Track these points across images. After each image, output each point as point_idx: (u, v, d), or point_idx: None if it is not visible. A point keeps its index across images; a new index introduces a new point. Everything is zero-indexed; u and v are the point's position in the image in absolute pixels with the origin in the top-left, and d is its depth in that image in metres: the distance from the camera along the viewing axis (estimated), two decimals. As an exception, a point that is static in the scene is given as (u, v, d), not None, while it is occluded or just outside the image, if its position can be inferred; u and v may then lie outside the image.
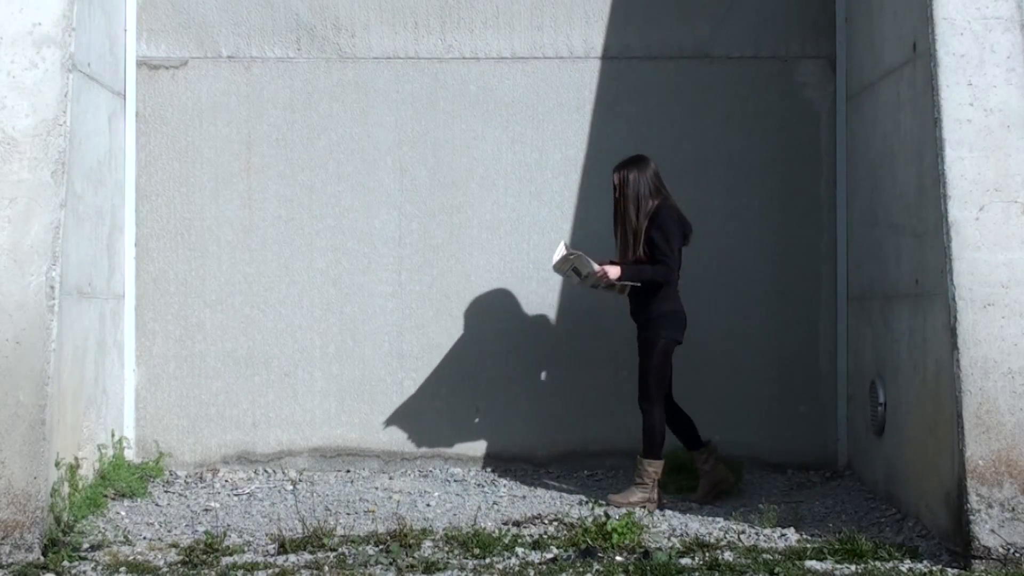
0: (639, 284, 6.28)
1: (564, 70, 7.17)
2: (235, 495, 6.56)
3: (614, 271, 6.27)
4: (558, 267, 6.38)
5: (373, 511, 6.15)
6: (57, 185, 5.61)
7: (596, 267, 6.27)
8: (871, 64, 6.62)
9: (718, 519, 5.99)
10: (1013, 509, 5.12)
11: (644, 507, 6.17)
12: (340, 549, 5.29)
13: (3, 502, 5.20)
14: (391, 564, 5.10)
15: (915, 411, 5.81)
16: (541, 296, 7.14)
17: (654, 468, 6.23)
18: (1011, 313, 5.29)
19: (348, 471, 7.03)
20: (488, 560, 5.19)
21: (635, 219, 6.29)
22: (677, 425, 6.42)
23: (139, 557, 5.27)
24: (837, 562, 5.18)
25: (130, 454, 6.89)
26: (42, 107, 5.70)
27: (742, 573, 5.00)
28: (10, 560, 5.10)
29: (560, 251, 6.34)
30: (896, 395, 6.12)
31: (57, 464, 5.59)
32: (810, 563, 5.15)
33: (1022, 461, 5.17)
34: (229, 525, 5.82)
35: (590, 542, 5.27)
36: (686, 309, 6.83)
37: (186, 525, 5.87)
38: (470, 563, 5.14)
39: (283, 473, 7.03)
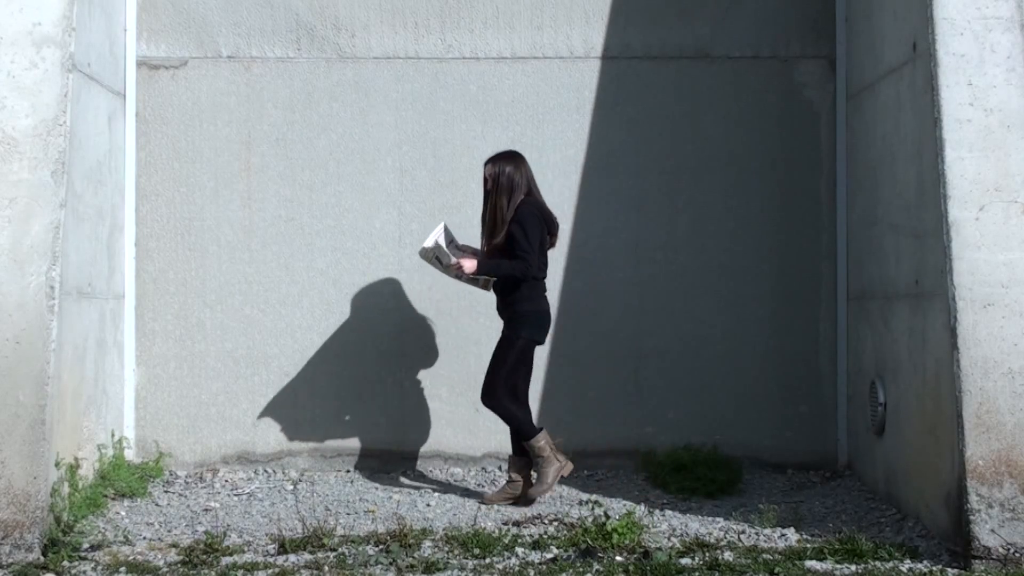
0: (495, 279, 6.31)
1: (564, 70, 7.17)
2: (235, 495, 6.56)
3: (470, 264, 6.26)
4: (424, 253, 6.37)
5: (373, 511, 6.16)
6: (57, 185, 5.61)
7: (454, 260, 6.28)
8: (871, 64, 6.62)
9: (718, 519, 5.99)
10: (1013, 509, 5.12)
11: (563, 474, 6.28)
12: (340, 549, 5.29)
13: (3, 502, 5.20)
14: (391, 564, 5.10)
15: (915, 411, 5.81)
16: (541, 296, 7.14)
17: (541, 441, 6.28)
18: (1011, 313, 5.29)
19: (348, 471, 7.03)
20: (488, 560, 5.19)
21: (505, 210, 6.27)
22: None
23: (139, 557, 5.27)
24: (837, 562, 5.18)
25: (130, 454, 6.90)
26: (42, 107, 5.70)
27: (742, 573, 5.00)
28: (10, 560, 5.10)
29: (438, 234, 6.31)
30: (896, 395, 6.12)
31: (57, 464, 5.59)
32: (810, 563, 5.15)
33: (1022, 461, 5.17)
34: (229, 525, 5.82)
35: (590, 542, 5.27)
36: (688, 308, 6.86)
37: (186, 525, 5.87)
38: (470, 563, 5.14)
39: (283, 473, 7.03)
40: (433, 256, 6.31)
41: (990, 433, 5.18)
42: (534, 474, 6.35)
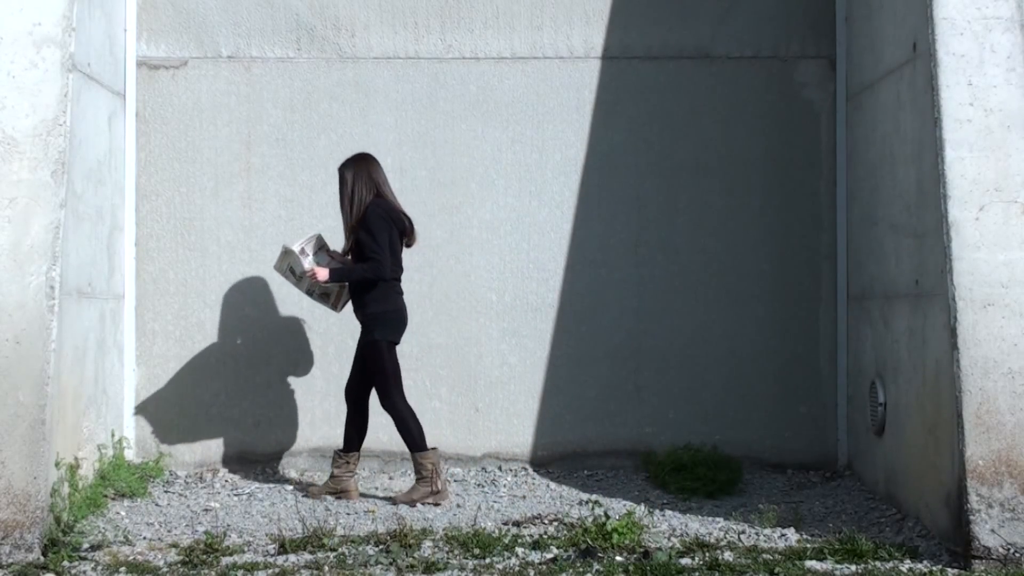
0: (346, 284, 6.36)
1: (564, 70, 7.17)
2: (235, 495, 6.56)
3: (323, 273, 6.30)
4: (278, 265, 6.43)
5: (373, 511, 6.15)
6: (57, 185, 5.61)
7: (307, 266, 6.31)
8: (871, 64, 6.62)
9: (718, 519, 5.99)
10: (1013, 509, 5.12)
11: (431, 501, 6.25)
12: (340, 549, 5.29)
13: (3, 502, 5.20)
14: (391, 564, 5.10)
15: (915, 411, 5.81)
16: (541, 296, 7.14)
17: (429, 460, 6.30)
18: (1011, 313, 5.29)
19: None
20: (488, 560, 5.19)
21: (350, 216, 6.35)
22: (358, 420, 6.46)
23: (139, 557, 5.27)
24: (837, 562, 5.18)
25: (130, 454, 6.89)
26: (42, 107, 5.70)
27: (742, 573, 5.00)
28: (10, 560, 5.10)
29: (306, 241, 6.35)
30: (896, 395, 6.12)
31: (57, 464, 5.59)
32: (810, 563, 5.15)
33: (1022, 461, 5.17)
34: (229, 525, 5.82)
35: (590, 542, 5.27)
36: (688, 308, 6.86)
37: (186, 525, 5.87)
38: (470, 563, 5.14)
39: (283, 473, 7.03)
40: (287, 268, 6.38)
41: (990, 433, 5.18)
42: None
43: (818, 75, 7.18)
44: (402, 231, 6.41)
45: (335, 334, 7.08)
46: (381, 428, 7.08)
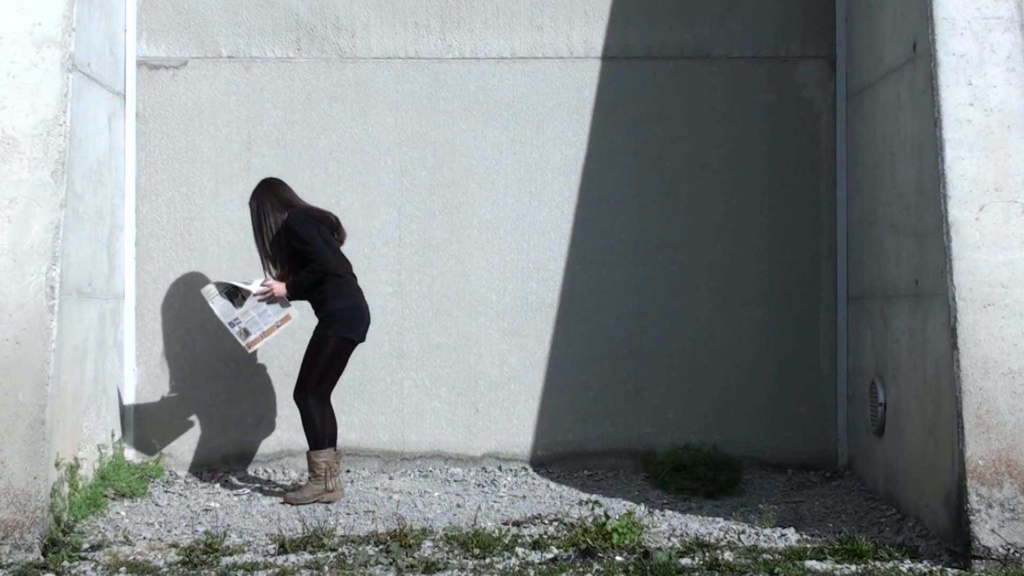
0: (301, 296, 6.41)
1: (564, 70, 7.17)
2: (235, 495, 6.56)
3: (280, 287, 6.37)
4: (208, 292, 6.48)
5: (373, 511, 6.16)
6: (57, 185, 5.61)
7: (256, 287, 6.38)
8: (871, 64, 6.62)
9: (718, 519, 5.99)
10: (1013, 509, 5.12)
11: (322, 500, 6.28)
12: (340, 549, 5.29)
13: (3, 502, 5.20)
14: (391, 564, 5.10)
15: (915, 411, 5.81)
16: (541, 296, 7.14)
17: (323, 459, 6.32)
18: (1011, 313, 5.29)
19: (348, 471, 7.03)
20: (488, 560, 5.19)
21: (263, 245, 6.45)
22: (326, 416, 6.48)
23: (139, 557, 5.27)
24: (837, 562, 5.18)
25: (130, 454, 6.90)
26: (42, 107, 5.70)
27: (742, 573, 5.00)
28: (10, 560, 5.10)
29: (216, 293, 6.45)
30: (896, 395, 6.12)
31: (57, 464, 5.59)
32: (810, 563, 5.15)
33: (1022, 461, 5.17)
34: (229, 525, 5.82)
35: (590, 542, 5.27)
36: (688, 308, 6.85)
37: (186, 525, 5.87)
38: (470, 563, 5.14)
39: (283, 473, 7.03)
40: (223, 292, 6.43)
41: (990, 433, 5.18)
42: (301, 480, 6.52)
43: (818, 75, 7.18)
44: (330, 227, 6.47)
45: (335, 334, 7.08)
46: (381, 428, 7.09)
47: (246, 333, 6.45)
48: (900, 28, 6.11)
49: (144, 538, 5.61)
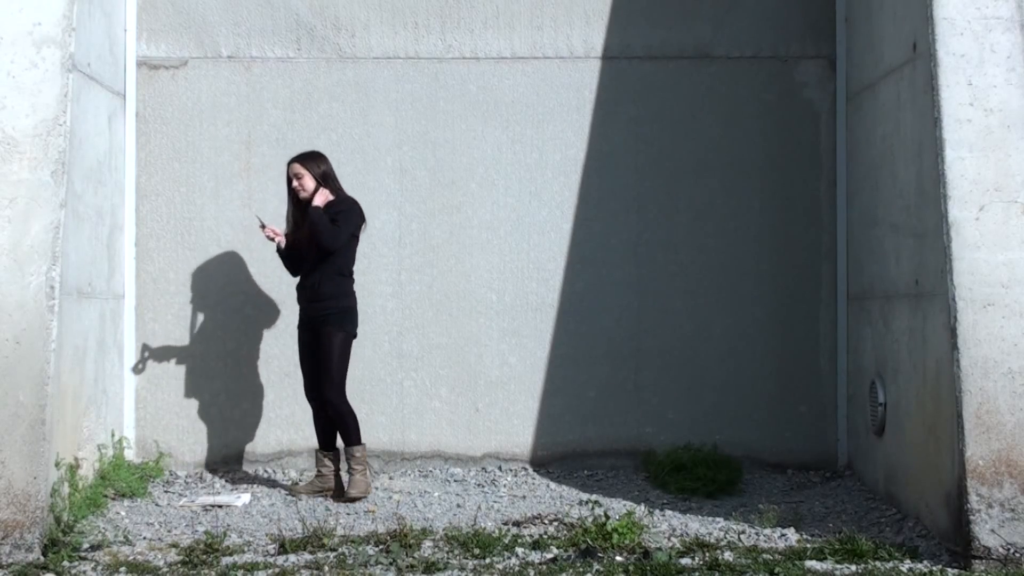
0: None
1: (564, 70, 7.17)
2: (235, 495, 6.56)
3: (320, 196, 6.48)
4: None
5: (373, 511, 6.16)
6: (57, 185, 5.61)
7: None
8: (871, 64, 6.62)
9: (718, 519, 5.99)
10: (1013, 509, 5.12)
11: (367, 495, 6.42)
12: (340, 549, 5.29)
13: (3, 502, 5.20)
14: (391, 564, 5.10)
15: (915, 411, 5.81)
16: (541, 296, 7.14)
17: (363, 452, 6.48)
18: (1011, 313, 5.29)
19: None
20: (488, 560, 5.19)
21: (309, 197, 6.51)
22: (326, 422, 6.53)
23: (139, 557, 5.27)
24: (837, 562, 5.18)
25: (130, 454, 6.89)
26: (42, 107, 5.70)
27: (742, 573, 5.00)
28: (10, 560, 5.10)
29: None
30: (896, 395, 6.12)
31: (57, 464, 5.58)
32: (810, 563, 5.15)
33: (1022, 461, 5.17)
34: (229, 525, 5.82)
35: (590, 542, 5.27)
36: (688, 308, 6.85)
37: (186, 525, 5.87)
38: (470, 563, 5.14)
39: (283, 473, 7.03)
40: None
41: (990, 433, 5.18)
42: (346, 475, 6.50)
43: (818, 75, 7.18)
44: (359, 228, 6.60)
45: (335, 334, 7.08)
46: (381, 428, 7.08)
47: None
48: (900, 28, 6.11)
49: (144, 538, 5.61)
